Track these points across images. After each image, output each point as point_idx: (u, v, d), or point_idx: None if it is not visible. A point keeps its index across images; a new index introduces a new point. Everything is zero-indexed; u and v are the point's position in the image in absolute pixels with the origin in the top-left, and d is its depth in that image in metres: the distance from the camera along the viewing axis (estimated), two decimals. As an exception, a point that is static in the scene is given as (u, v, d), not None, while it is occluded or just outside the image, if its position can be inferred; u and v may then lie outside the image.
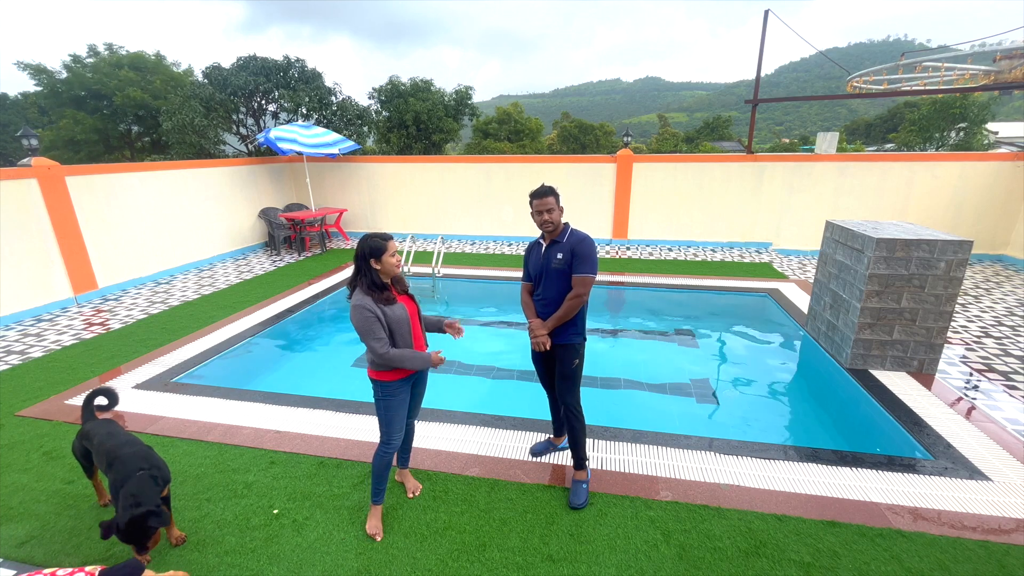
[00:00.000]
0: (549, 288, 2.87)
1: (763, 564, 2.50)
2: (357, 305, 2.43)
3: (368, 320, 2.42)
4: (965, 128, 25.32)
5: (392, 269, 2.51)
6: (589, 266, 2.77)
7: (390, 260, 2.49)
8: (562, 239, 2.84)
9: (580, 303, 2.80)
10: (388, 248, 2.48)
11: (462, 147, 32.46)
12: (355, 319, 2.44)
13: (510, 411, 3.96)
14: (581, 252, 2.76)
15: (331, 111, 17.64)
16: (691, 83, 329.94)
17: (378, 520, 2.77)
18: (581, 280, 2.77)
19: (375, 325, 2.43)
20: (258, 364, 5.28)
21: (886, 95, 12.06)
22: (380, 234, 2.52)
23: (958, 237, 4.18)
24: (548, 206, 2.77)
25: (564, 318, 2.82)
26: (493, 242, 10.75)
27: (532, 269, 2.99)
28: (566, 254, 2.79)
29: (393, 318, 2.49)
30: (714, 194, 9.79)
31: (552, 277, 2.84)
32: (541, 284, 2.92)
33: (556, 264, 2.81)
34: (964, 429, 3.64)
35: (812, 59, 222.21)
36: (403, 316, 2.53)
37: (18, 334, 5.78)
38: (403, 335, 2.54)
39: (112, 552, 2.62)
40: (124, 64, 22.78)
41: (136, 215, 7.81)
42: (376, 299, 2.47)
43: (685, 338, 5.77)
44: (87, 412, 2.85)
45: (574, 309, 2.80)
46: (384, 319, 2.47)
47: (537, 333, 2.87)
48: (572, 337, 2.90)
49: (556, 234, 2.86)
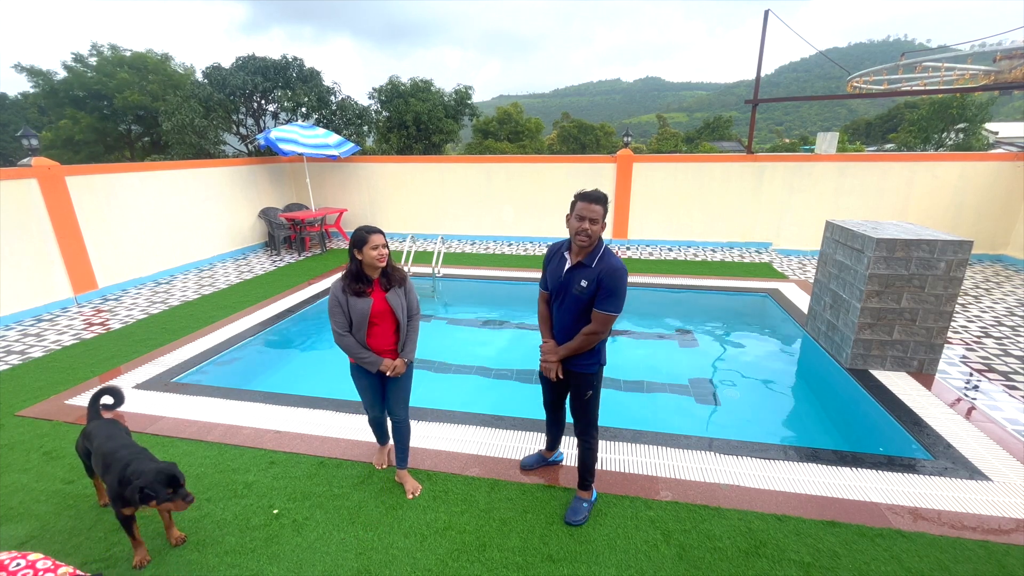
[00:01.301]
0: (566, 314, 2.54)
1: (763, 564, 2.50)
2: (330, 288, 2.70)
3: (331, 304, 2.68)
4: (965, 128, 25.31)
5: (373, 262, 2.62)
6: (614, 303, 2.39)
7: (371, 252, 2.60)
8: (591, 262, 2.42)
9: (597, 340, 2.49)
10: (370, 241, 2.60)
11: (462, 147, 32.46)
12: (327, 300, 2.72)
13: (510, 411, 3.96)
14: (609, 285, 2.37)
15: (331, 111, 17.65)
16: (691, 83, 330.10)
17: (382, 456, 3.30)
18: (603, 318, 2.42)
19: (336, 310, 2.66)
20: (258, 364, 5.28)
21: (886, 95, 12.05)
22: (367, 227, 2.66)
23: (958, 237, 4.18)
24: (595, 214, 2.34)
25: (577, 351, 2.53)
26: (493, 242, 10.75)
27: (551, 281, 2.62)
28: (591, 283, 2.40)
29: (355, 309, 2.64)
30: (714, 194, 9.79)
31: (571, 302, 2.49)
32: (558, 304, 2.59)
33: (577, 290, 2.44)
34: (964, 429, 3.64)
35: (812, 59, 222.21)
36: (364, 310, 2.65)
37: (18, 334, 5.78)
38: (359, 328, 2.68)
39: (112, 552, 2.62)
40: (124, 64, 22.78)
41: (136, 215, 7.81)
42: (346, 287, 2.65)
43: (685, 338, 5.77)
44: (93, 411, 2.84)
45: (588, 345, 2.50)
46: (345, 307, 2.65)
47: (547, 359, 2.61)
48: (588, 367, 2.58)
49: (587, 252, 2.44)
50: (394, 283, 2.74)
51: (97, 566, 2.53)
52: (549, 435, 3.23)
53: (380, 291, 2.71)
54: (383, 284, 2.71)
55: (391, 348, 2.80)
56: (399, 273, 2.80)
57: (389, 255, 2.71)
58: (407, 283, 2.82)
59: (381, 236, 2.66)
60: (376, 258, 2.61)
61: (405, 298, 2.79)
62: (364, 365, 2.74)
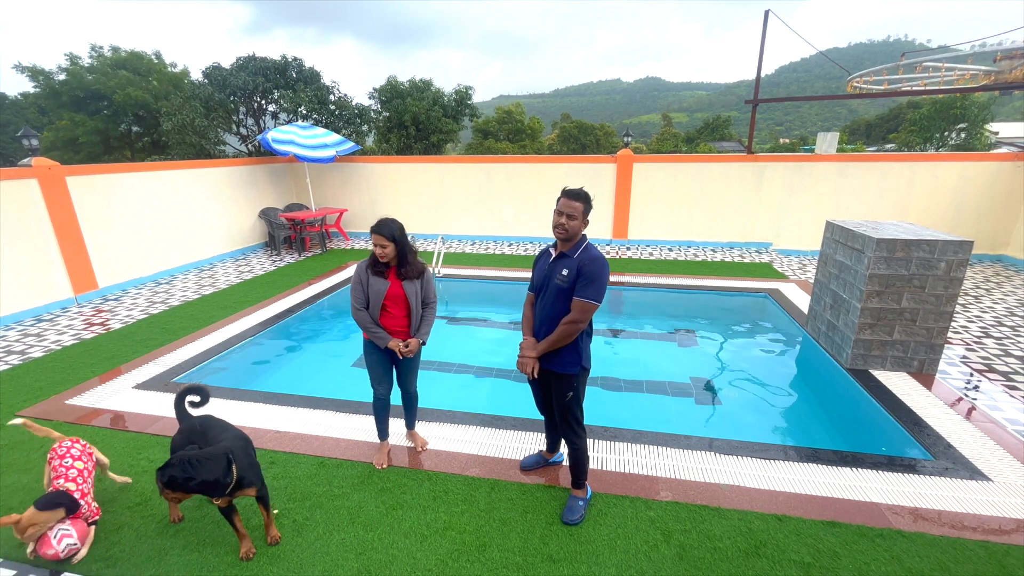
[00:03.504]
0: (547, 305, 2.59)
1: (763, 564, 2.50)
2: (357, 265, 2.99)
3: (353, 280, 2.98)
4: (965, 128, 25.31)
5: (377, 251, 2.88)
6: (593, 291, 2.44)
7: (374, 246, 2.88)
8: (572, 253, 2.52)
9: (576, 330, 2.50)
10: (373, 237, 2.86)
11: (462, 147, 32.47)
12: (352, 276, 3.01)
13: (510, 411, 3.96)
14: (588, 273, 2.44)
15: (330, 111, 17.65)
16: (691, 83, 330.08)
17: (382, 455, 3.31)
18: (581, 305, 2.45)
19: (356, 286, 2.96)
20: (258, 364, 5.28)
21: (886, 95, 12.06)
22: (376, 225, 2.85)
23: (958, 237, 4.17)
24: (572, 209, 2.44)
25: (556, 344, 2.53)
26: (493, 242, 10.75)
27: (537, 278, 2.71)
28: (572, 271, 2.48)
29: (372, 288, 2.93)
30: (714, 194, 9.79)
31: (552, 293, 2.56)
32: (542, 299, 2.64)
33: (559, 280, 2.51)
34: (964, 429, 3.64)
35: (812, 59, 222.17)
36: (380, 290, 2.92)
37: (18, 334, 5.78)
38: (375, 305, 2.96)
39: (112, 552, 2.62)
40: (123, 65, 22.80)
41: (136, 215, 7.81)
42: (368, 266, 2.96)
43: (685, 338, 5.77)
44: (181, 411, 2.75)
45: (568, 336, 2.50)
46: (365, 284, 2.94)
47: (524, 354, 2.63)
48: (568, 366, 2.58)
49: (569, 245, 2.54)
50: (410, 275, 2.96)
51: (97, 566, 2.53)
52: (549, 437, 3.23)
53: (396, 278, 2.95)
54: (399, 273, 2.95)
55: (402, 330, 3.04)
56: (416, 268, 3.00)
57: (400, 252, 2.89)
58: (426, 275, 3.05)
59: (381, 237, 2.83)
60: (377, 253, 2.87)
61: (422, 288, 3.03)
62: (375, 339, 2.98)
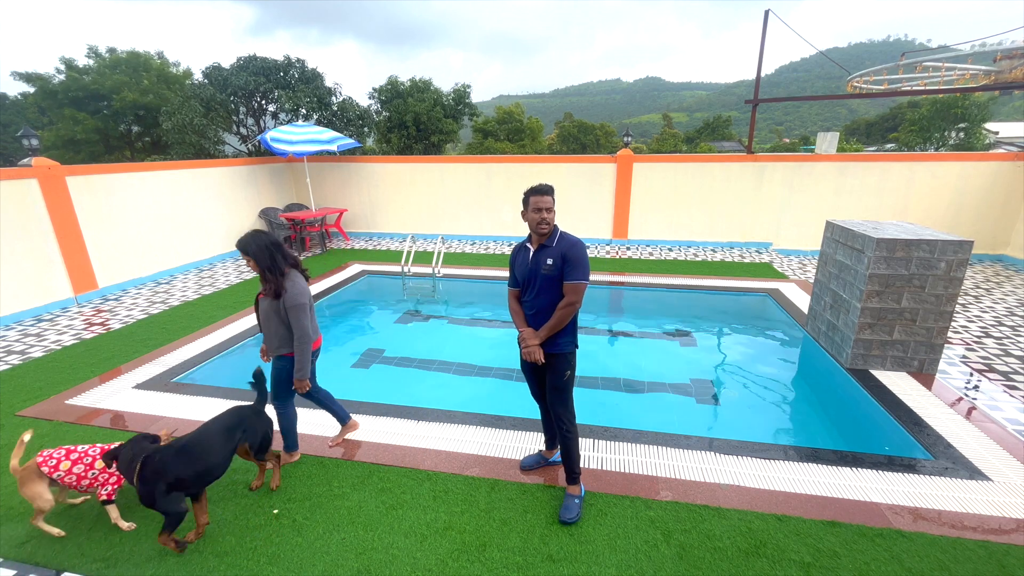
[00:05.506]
0: (541, 296, 2.72)
1: (763, 564, 2.50)
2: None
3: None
4: (965, 128, 25.32)
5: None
6: (581, 272, 2.63)
7: None
8: (551, 243, 2.69)
9: (573, 311, 2.68)
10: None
11: (462, 147, 32.47)
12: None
13: (510, 411, 3.96)
14: (573, 257, 2.62)
15: (331, 111, 17.64)
16: (691, 83, 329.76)
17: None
18: (573, 287, 2.63)
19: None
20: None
21: (886, 95, 12.06)
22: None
23: (958, 237, 4.18)
24: (548, 204, 2.62)
25: (556, 327, 2.68)
26: (493, 242, 10.75)
27: (519, 274, 2.84)
28: (556, 259, 2.64)
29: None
30: (714, 194, 9.79)
31: (543, 284, 2.69)
32: (531, 292, 2.77)
33: (546, 270, 2.66)
34: (964, 429, 3.64)
35: (812, 59, 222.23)
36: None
37: (18, 334, 5.78)
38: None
39: (112, 552, 2.62)
40: (121, 64, 22.80)
41: (136, 215, 7.81)
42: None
43: (685, 338, 5.77)
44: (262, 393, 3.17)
45: (567, 318, 2.67)
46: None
47: (529, 343, 2.73)
48: (565, 346, 2.76)
49: (546, 237, 2.70)
50: (268, 293, 3.00)
51: (97, 566, 2.53)
52: (546, 432, 3.26)
53: (263, 292, 3.06)
54: (264, 288, 3.03)
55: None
56: (273, 287, 2.96)
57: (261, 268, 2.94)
58: (284, 297, 2.95)
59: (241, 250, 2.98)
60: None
61: (283, 311, 3.02)
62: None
